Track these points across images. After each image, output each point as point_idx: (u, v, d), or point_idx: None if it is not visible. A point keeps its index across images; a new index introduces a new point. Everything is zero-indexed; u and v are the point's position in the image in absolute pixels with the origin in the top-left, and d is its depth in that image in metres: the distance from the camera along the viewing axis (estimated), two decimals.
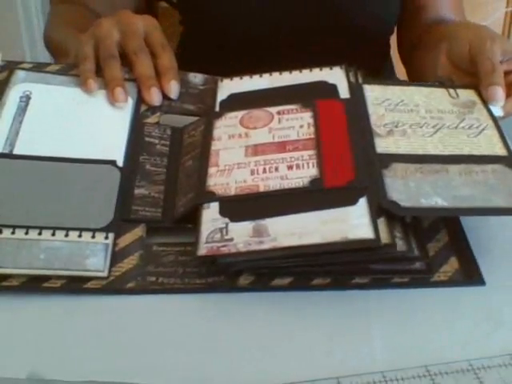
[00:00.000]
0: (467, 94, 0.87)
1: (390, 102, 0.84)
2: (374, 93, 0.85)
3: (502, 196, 0.72)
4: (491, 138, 0.79)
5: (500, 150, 0.78)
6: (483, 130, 0.80)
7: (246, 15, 1.11)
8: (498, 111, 0.84)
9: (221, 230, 0.70)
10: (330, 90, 0.86)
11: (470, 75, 0.89)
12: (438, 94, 0.86)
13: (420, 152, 0.77)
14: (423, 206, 0.70)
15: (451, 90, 0.87)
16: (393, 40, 1.25)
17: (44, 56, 1.14)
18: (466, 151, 0.77)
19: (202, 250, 0.69)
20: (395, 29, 1.20)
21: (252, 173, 0.76)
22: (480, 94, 0.86)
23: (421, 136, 0.79)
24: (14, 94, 0.85)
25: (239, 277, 0.71)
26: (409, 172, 0.74)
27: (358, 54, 0.90)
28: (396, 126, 0.80)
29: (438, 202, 0.70)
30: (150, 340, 0.66)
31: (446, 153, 0.77)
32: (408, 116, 0.82)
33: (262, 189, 0.74)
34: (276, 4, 1.10)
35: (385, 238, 0.67)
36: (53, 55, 1.07)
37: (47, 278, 0.70)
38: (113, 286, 0.70)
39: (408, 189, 0.72)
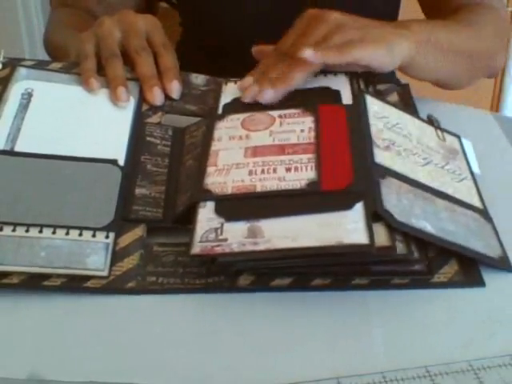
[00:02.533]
0: (452, 141, 0.87)
1: (388, 120, 0.83)
2: (374, 106, 0.84)
3: (480, 243, 0.72)
4: (470, 189, 0.80)
5: (477, 203, 0.78)
6: (463, 179, 0.81)
7: (245, 17, 1.11)
8: (476, 168, 0.84)
9: (216, 229, 0.70)
10: (333, 96, 0.85)
11: None
12: (428, 131, 0.86)
13: (412, 176, 0.76)
14: (414, 226, 0.69)
15: (439, 132, 0.87)
16: None
17: (44, 57, 1.14)
18: (450, 192, 0.77)
19: (196, 248, 0.69)
20: None
21: (250, 173, 0.75)
22: (461, 145, 0.86)
23: (413, 163, 0.79)
24: (15, 91, 0.85)
25: (239, 277, 0.70)
26: (402, 190, 0.73)
27: None
28: (393, 144, 0.79)
29: (427, 227, 0.70)
30: (150, 340, 0.65)
31: (434, 186, 0.77)
32: (402, 140, 0.81)
33: (259, 189, 0.73)
34: (275, 6, 1.10)
35: (385, 240, 0.67)
36: (53, 58, 1.07)
37: (47, 276, 0.69)
38: (113, 286, 0.70)
39: (401, 204, 0.71)
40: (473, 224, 0.74)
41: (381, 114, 0.84)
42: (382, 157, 0.77)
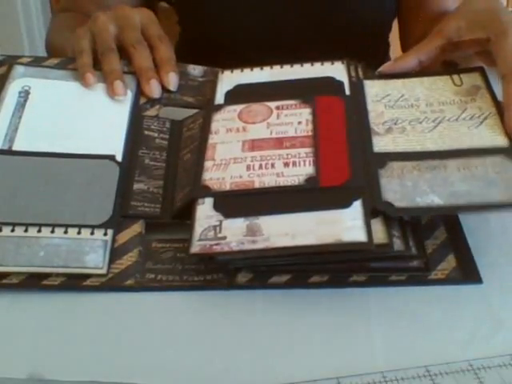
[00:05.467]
0: (472, 79, 0.82)
1: (389, 98, 0.80)
2: (374, 89, 0.82)
3: (499, 190, 0.68)
4: (493, 127, 0.75)
5: (501, 141, 0.73)
6: (485, 119, 0.76)
7: (243, 15, 1.08)
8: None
9: (214, 227, 0.67)
10: (336, 86, 0.82)
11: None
12: (441, 83, 0.82)
13: (418, 149, 0.73)
14: (418, 206, 0.67)
15: (455, 76, 0.82)
16: (392, 40, 1.21)
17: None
18: (465, 145, 0.73)
19: (195, 247, 0.66)
20: (392, 27, 1.16)
21: (248, 168, 0.73)
22: (485, 77, 0.81)
23: (420, 132, 0.75)
24: (13, 90, 0.82)
25: (237, 274, 0.68)
26: (405, 170, 0.71)
27: (356, 52, 0.86)
28: (395, 123, 0.77)
29: (434, 200, 0.67)
30: (149, 338, 0.63)
31: (445, 147, 0.73)
32: (408, 112, 0.78)
33: (257, 185, 0.71)
34: (272, 4, 1.07)
35: (382, 237, 0.65)
36: None
37: (47, 275, 0.67)
38: (112, 284, 0.67)
39: (404, 188, 0.69)
40: (492, 171, 0.70)
41: (382, 94, 0.81)
42: (382, 143, 0.74)
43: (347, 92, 0.81)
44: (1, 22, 2.12)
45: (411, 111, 0.78)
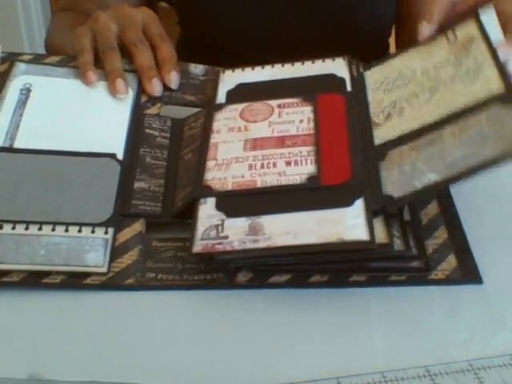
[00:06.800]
0: (466, 30, 0.79)
1: (388, 80, 0.79)
2: (373, 77, 0.81)
3: (493, 144, 0.66)
4: (489, 77, 0.72)
5: (497, 87, 0.71)
6: (480, 69, 0.73)
7: (243, 15, 1.07)
8: (499, 36, 0.76)
9: (216, 226, 0.67)
10: (337, 83, 0.82)
11: None
12: (436, 46, 0.80)
13: (416, 125, 0.72)
14: (416, 190, 0.66)
15: (449, 33, 0.80)
16: (392, 40, 1.20)
17: None
18: (463, 102, 0.71)
19: (198, 247, 0.66)
20: (393, 32, 1.15)
21: (250, 168, 0.72)
22: (479, 24, 0.78)
23: (418, 108, 0.74)
24: (14, 87, 0.81)
25: (238, 274, 0.68)
26: (404, 155, 0.70)
27: (356, 52, 0.86)
28: (394, 107, 0.76)
29: (432, 178, 0.66)
30: (149, 338, 0.63)
31: (443, 113, 0.71)
32: (405, 89, 0.77)
33: (259, 184, 0.70)
34: (272, 5, 1.06)
35: (382, 237, 0.64)
36: None
37: (47, 273, 0.67)
38: (112, 282, 0.67)
39: (403, 175, 0.68)
40: (487, 126, 0.68)
41: (381, 79, 0.80)
42: (382, 133, 0.73)
43: (348, 88, 0.80)
44: (1, 22, 2.11)
45: (409, 87, 0.77)
